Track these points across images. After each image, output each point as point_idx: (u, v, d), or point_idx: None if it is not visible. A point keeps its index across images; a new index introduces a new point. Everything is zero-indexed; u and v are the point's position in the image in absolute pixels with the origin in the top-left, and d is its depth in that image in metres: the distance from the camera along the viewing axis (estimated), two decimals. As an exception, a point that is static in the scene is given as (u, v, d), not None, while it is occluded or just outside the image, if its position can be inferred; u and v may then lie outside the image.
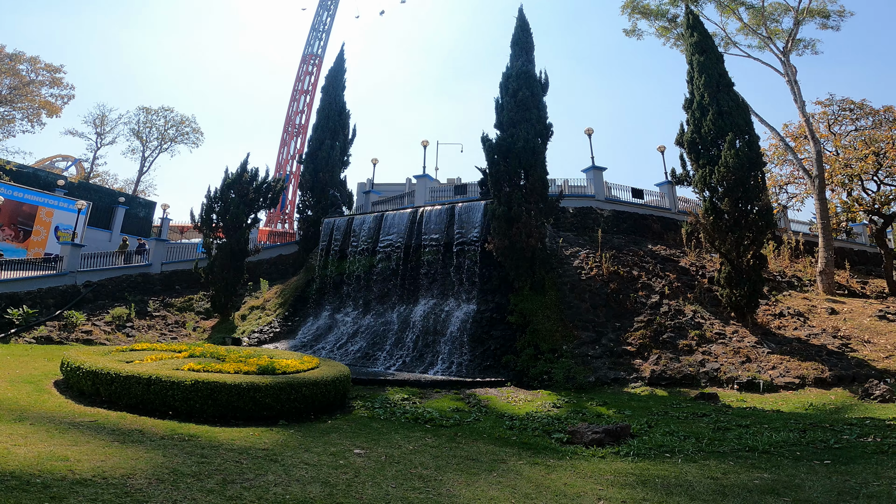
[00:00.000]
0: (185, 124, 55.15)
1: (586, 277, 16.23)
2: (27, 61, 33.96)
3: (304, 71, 58.53)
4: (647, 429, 8.44)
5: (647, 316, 14.57)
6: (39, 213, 29.75)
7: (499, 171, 16.54)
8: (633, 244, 18.66)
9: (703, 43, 17.58)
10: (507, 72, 18.53)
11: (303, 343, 17.80)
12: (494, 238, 15.88)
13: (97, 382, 8.31)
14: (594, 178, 21.17)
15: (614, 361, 13.16)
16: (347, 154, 28.09)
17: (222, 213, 21.13)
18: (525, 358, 13.55)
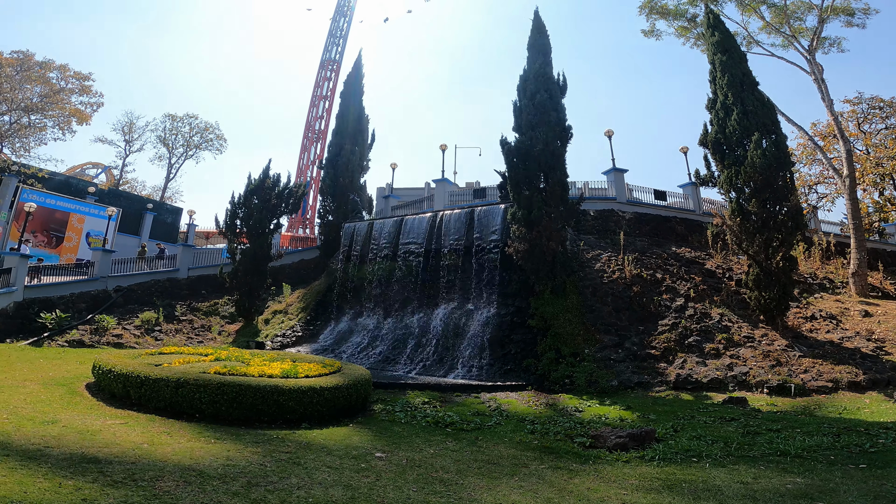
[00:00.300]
0: (209, 131, 56.11)
1: (608, 281, 16.03)
2: (57, 69, 34.37)
3: (323, 77, 59.20)
4: (672, 433, 8.29)
5: (671, 319, 14.32)
6: (71, 219, 30.77)
7: (518, 174, 16.47)
8: (657, 247, 18.35)
9: (725, 42, 17.25)
10: (524, 74, 18.46)
11: (324, 347, 18.00)
12: (514, 242, 15.81)
13: (127, 385, 8.56)
14: (615, 180, 20.92)
15: (638, 365, 12.98)
16: (367, 159, 28.20)
17: (246, 218, 21.53)
18: (546, 362, 13.44)
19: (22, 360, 12.16)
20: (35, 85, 33.00)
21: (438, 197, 24.65)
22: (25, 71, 32.63)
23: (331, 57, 59.73)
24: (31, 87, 32.91)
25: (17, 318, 17.03)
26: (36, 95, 32.81)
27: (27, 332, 16.52)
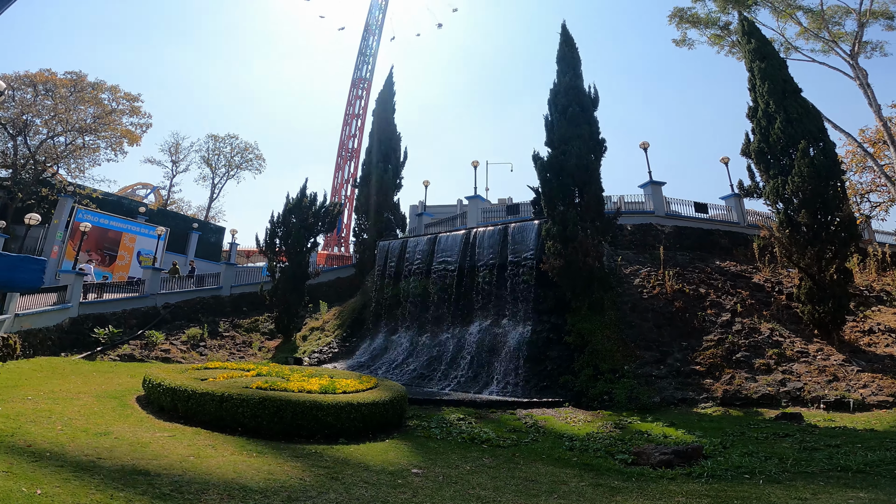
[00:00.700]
0: (249, 151, 58.01)
1: (648, 296, 15.60)
2: (108, 90, 35.61)
3: (355, 95, 59.71)
4: (721, 449, 7.94)
5: (717, 335, 13.80)
6: (123, 238, 32.53)
7: (552, 189, 16.33)
8: (699, 261, 17.75)
9: (763, 49, 16.79)
10: (554, 88, 18.39)
11: (360, 363, 18.16)
12: (549, 258, 15.62)
13: (175, 399, 8.88)
14: (653, 193, 20.45)
15: (681, 381, 12.55)
16: (400, 177, 28.43)
17: (284, 237, 22.14)
18: (584, 378, 13.16)
19: (76, 374, 12.80)
20: (88, 106, 34.00)
21: (471, 214, 24.71)
22: (79, 92, 33.73)
23: (361, 75, 60.43)
24: (85, 108, 33.91)
25: (72, 333, 17.93)
26: (89, 116, 33.86)
27: (81, 347, 17.36)
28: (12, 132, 31.31)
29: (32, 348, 15.06)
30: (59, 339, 17.13)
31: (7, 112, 30.57)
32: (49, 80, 33.37)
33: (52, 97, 32.71)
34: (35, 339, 15.48)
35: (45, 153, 32.06)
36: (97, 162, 35.54)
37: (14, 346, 13.81)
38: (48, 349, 16.03)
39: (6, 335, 13.56)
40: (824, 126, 15.64)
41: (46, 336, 16.32)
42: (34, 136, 32.28)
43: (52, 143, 32.74)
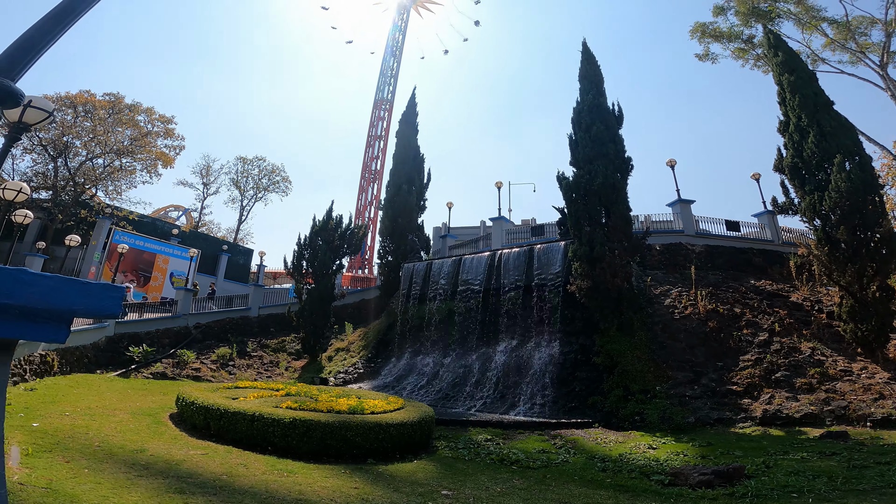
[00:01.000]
0: (276, 173, 58.57)
1: (680, 317, 15.19)
2: (144, 112, 35.67)
3: (377, 116, 59.57)
4: (765, 469, 7.63)
5: (754, 355, 13.38)
6: (157, 260, 33.55)
7: (578, 210, 16.14)
8: (732, 280, 17.23)
9: (791, 62, 16.48)
10: (577, 106, 18.28)
11: (385, 384, 18.10)
12: (577, 279, 15.41)
13: (208, 417, 9.00)
14: (681, 211, 20.04)
15: (717, 402, 12.19)
16: (424, 199, 28.41)
17: (311, 259, 22.47)
18: (613, 399, 12.86)
19: (111, 391, 13.13)
20: (125, 128, 34.23)
21: (495, 235, 24.65)
22: (116, 114, 34.06)
23: (383, 96, 60.39)
24: (122, 129, 34.14)
25: (107, 351, 18.53)
26: (126, 138, 34.16)
27: (116, 364, 17.91)
28: (53, 154, 31.79)
29: (69, 365, 15.56)
30: (95, 356, 17.65)
31: (49, 133, 30.96)
32: (88, 101, 33.68)
33: (91, 119, 33.15)
34: (72, 356, 15.98)
35: (84, 175, 32.50)
36: (133, 184, 35.64)
37: (52, 363, 14.35)
38: (84, 366, 16.51)
39: (44, 352, 14.09)
40: (859, 139, 15.21)
41: (83, 353, 16.84)
42: (74, 158, 32.69)
43: (90, 164, 33.15)
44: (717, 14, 25.09)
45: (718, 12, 25.05)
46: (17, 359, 12.56)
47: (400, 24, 64.57)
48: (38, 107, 6.67)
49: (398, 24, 64.56)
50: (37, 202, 30.68)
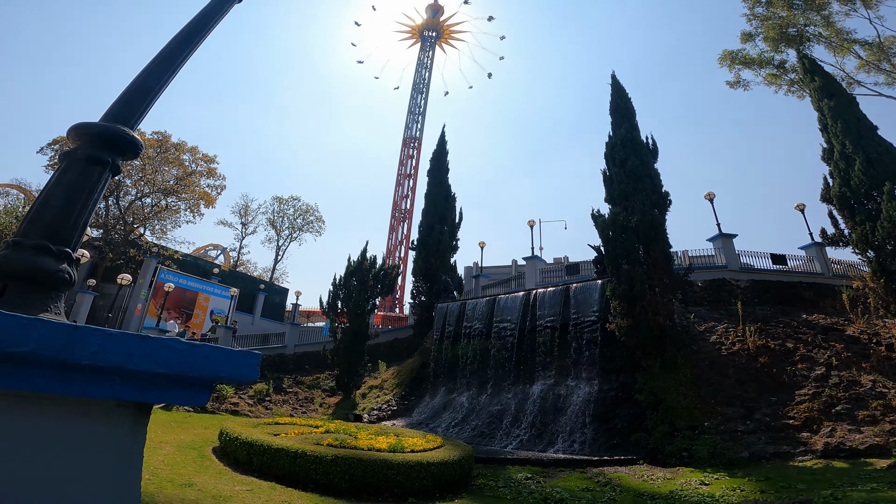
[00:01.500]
0: (310, 213, 59.24)
1: (727, 353, 14.57)
2: (189, 151, 35.89)
3: (406, 155, 60.00)
4: (833, 501, 7.17)
5: (811, 388, 12.74)
6: (199, 298, 34.54)
7: (615, 248, 15.77)
8: (782, 315, 16.47)
9: (829, 86, 16.12)
10: (610, 141, 18.11)
11: (419, 421, 17.93)
12: (616, 318, 15.02)
13: (251, 453, 9.03)
14: (723, 246, 19.43)
15: (773, 436, 11.57)
16: (456, 238, 28.34)
17: (346, 299, 22.71)
18: (658, 435, 12.29)
19: (154, 423, 13.37)
20: (172, 167, 34.45)
21: (529, 275, 24.47)
22: (164, 153, 34.43)
23: (412, 134, 60.87)
24: (169, 169, 34.40)
25: (151, 386, 18.93)
26: (172, 178, 34.49)
27: (159, 398, 18.29)
28: (105, 193, 33.73)
29: None
30: None
31: None
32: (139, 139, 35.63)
33: (140, 157, 35.01)
34: None
35: (134, 214, 33.35)
36: (177, 223, 36.03)
37: None
38: None
39: None
40: (909, 166, 14.69)
41: None
42: (124, 197, 33.46)
43: (139, 204, 33.92)
44: (745, 40, 25.05)
45: (746, 38, 25.01)
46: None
47: (426, 60, 65.64)
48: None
49: (424, 60, 65.64)
50: (89, 241, 31.79)
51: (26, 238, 1.49)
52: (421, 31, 67.41)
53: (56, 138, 30.67)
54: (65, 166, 1.68)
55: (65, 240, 1.54)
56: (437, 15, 66.80)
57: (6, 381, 0.99)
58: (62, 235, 1.53)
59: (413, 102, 63.15)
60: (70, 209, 1.58)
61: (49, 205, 1.58)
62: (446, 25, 67.65)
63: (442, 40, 68.45)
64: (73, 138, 1.76)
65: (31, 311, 1.38)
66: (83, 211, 1.62)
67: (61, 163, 1.71)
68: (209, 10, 2.41)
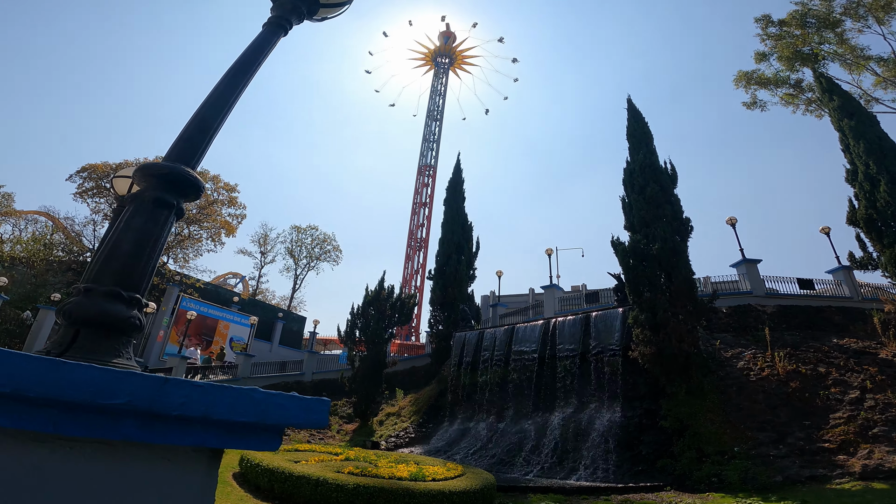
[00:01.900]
0: (328, 242, 59.54)
1: (756, 378, 14.22)
2: (211, 180, 36.15)
3: (421, 183, 59.55)
4: None
5: (846, 412, 12.41)
6: (219, 325, 34.95)
7: (636, 275, 15.53)
8: (812, 340, 16.03)
9: (848, 105, 15.96)
10: (628, 167, 18.01)
11: (437, 448, 17.72)
12: (639, 345, 14.79)
13: (272, 480, 9.00)
14: (748, 272, 18.99)
15: (807, 459, 11.23)
16: (473, 268, 28.09)
17: (364, 328, 22.70)
18: (686, 461, 11.95)
19: None
20: None
21: (548, 303, 24.31)
22: None
23: (427, 162, 60.49)
24: None
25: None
26: (195, 206, 34.52)
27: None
28: None
29: None
30: None
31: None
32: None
33: None
34: None
35: None
36: (199, 252, 36.40)
37: None
38: None
39: None
40: (936, 186, 14.38)
41: None
42: None
43: None
44: (760, 60, 24.96)
45: (761, 58, 24.91)
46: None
47: (439, 87, 65.98)
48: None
49: (437, 87, 65.96)
50: None
51: (98, 284, 1.54)
52: (434, 56, 68.11)
53: (85, 165, 31.62)
54: (133, 210, 1.71)
55: (135, 286, 1.59)
56: (449, 41, 67.62)
57: (97, 431, 1.05)
58: (132, 281, 1.58)
59: (427, 130, 63.29)
60: (139, 255, 1.63)
61: (119, 250, 1.62)
62: (459, 51, 68.54)
63: (455, 66, 69.01)
64: (139, 180, 1.78)
65: (103, 357, 1.44)
66: (151, 256, 1.67)
67: (129, 206, 1.74)
68: (259, 42, 2.40)
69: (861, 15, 22.16)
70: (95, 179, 31.23)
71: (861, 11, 22.11)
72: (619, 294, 18.49)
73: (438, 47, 67.87)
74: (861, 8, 22.09)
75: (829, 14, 22.56)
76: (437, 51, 68.01)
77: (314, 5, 2.78)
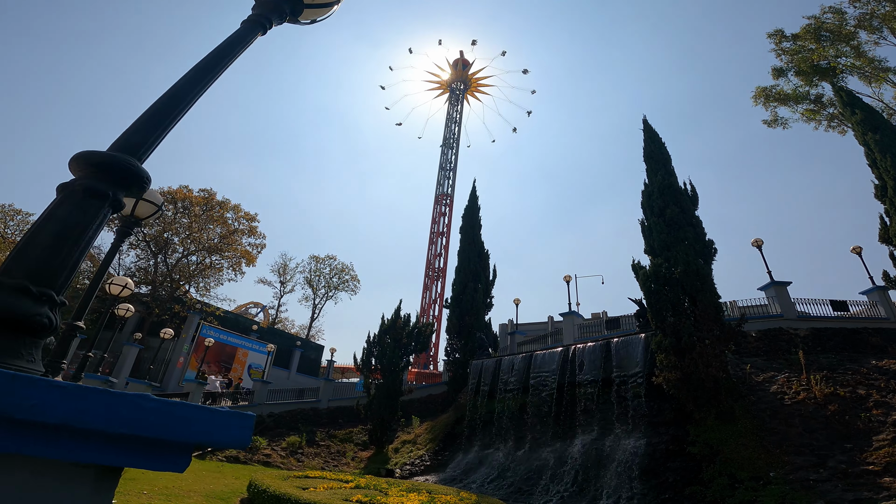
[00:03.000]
0: (346, 272, 59.75)
1: (791, 402, 13.42)
2: (232, 209, 36.15)
3: (439, 212, 58.93)
4: None
5: (890, 433, 11.61)
6: (238, 353, 35.11)
7: (659, 300, 14.88)
8: (849, 361, 15.11)
9: (872, 119, 15.34)
10: (646, 189, 17.58)
11: (452, 477, 17.21)
12: (663, 371, 14.12)
13: (278, 506, 8.67)
14: (777, 294, 18.14)
15: (851, 483, 10.42)
16: (490, 296, 27.81)
17: (380, 356, 22.48)
18: (717, 488, 11.18)
19: (188, 471, 13.23)
20: (216, 225, 34.74)
21: (567, 331, 23.73)
22: (209, 210, 34.74)
23: (444, 190, 60.05)
24: (213, 227, 34.69)
25: (187, 434, 19.11)
26: (216, 236, 34.89)
27: (195, 446, 18.37)
28: (154, 250, 33.52)
29: None
30: None
31: (152, 230, 32.73)
32: (187, 196, 34.30)
33: (188, 215, 33.99)
34: None
35: (180, 272, 34.06)
36: (220, 281, 36.38)
37: None
38: None
39: None
40: (969, 199, 13.61)
41: None
42: (171, 255, 34.13)
43: (185, 261, 34.53)
44: (778, 76, 24.50)
45: (778, 74, 24.44)
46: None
47: (455, 115, 65.97)
48: (148, 200, 6.19)
49: (453, 115, 65.97)
50: (137, 296, 32.94)
51: (6, 276, 1.34)
52: (450, 84, 68.73)
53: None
54: (60, 198, 1.53)
55: (49, 281, 1.40)
56: (466, 69, 68.24)
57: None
58: (46, 276, 1.37)
59: (444, 158, 63.07)
60: (59, 248, 1.42)
61: (36, 241, 1.42)
62: (475, 79, 69.08)
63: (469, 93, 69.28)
64: (74, 168, 1.59)
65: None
66: (74, 249, 1.45)
67: (57, 195, 1.56)
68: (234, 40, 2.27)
69: (875, 27, 21.66)
70: (123, 208, 31.75)
71: (875, 23, 21.62)
72: (641, 319, 17.88)
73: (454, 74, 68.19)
74: (874, 20, 21.60)
75: (842, 27, 22.10)
76: (452, 78, 68.54)
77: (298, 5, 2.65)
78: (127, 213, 6.14)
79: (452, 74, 68.60)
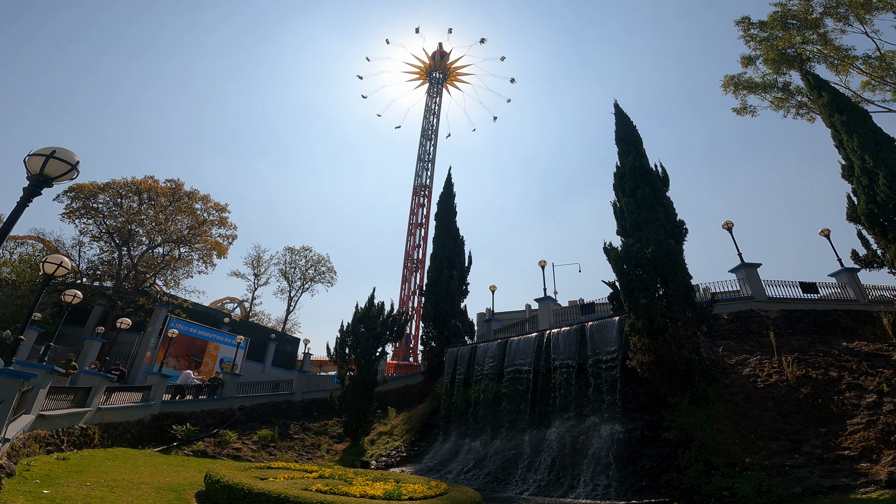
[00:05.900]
0: (322, 263, 58.61)
1: (764, 385, 13.33)
2: (201, 200, 35.24)
3: (417, 203, 58.84)
4: None
5: (864, 417, 11.45)
6: (209, 346, 34.18)
7: (631, 281, 14.69)
8: (820, 343, 15.19)
9: (839, 101, 15.44)
10: (618, 171, 17.50)
11: (429, 467, 16.90)
12: (637, 354, 13.97)
13: (232, 497, 8.18)
14: (748, 276, 18.25)
15: (827, 468, 10.23)
16: (465, 283, 27.49)
17: (354, 346, 22.00)
18: (693, 474, 11.00)
19: (147, 465, 12.61)
20: (184, 216, 33.79)
21: (542, 316, 23.47)
22: (177, 201, 33.81)
23: (422, 182, 59.96)
24: (182, 218, 33.71)
25: (152, 429, 18.51)
26: (185, 227, 33.87)
27: (159, 441, 17.78)
28: (118, 242, 32.14)
29: (111, 439, 15.76)
30: (139, 432, 17.74)
31: (116, 221, 31.62)
32: (152, 187, 33.38)
33: (153, 206, 32.98)
34: (115, 431, 16.22)
35: (146, 264, 32.78)
36: (190, 274, 35.27)
37: (92, 435, 14.39)
38: (127, 441, 16.66)
39: (85, 426, 14.23)
40: (936, 178, 13.76)
41: (126, 429, 16.99)
42: (137, 247, 32.85)
43: (151, 254, 33.30)
44: (746, 64, 24.71)
45: (747, 62, 24.66)
46: (56, 429, 12.43)
47: (433, 106, 65.94)
48: (61, 158, 5.78)
49: (432, 107, 65.92)
50: (100, 290, 31.87)
51: None
52: (428, 73, 68.59)
53: (72, 185, 31.06)
54: None
55: None
56: (444, 59, 68.18)
57: None
58: None
59: (422, 149, 62.83)
60: None
61: None
62: (453, 68, 69.06)
63: (448, 82, 69.20)
64: None
65: None
66: None
67: None
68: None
69: (842, 14, 21.94)
70: (83, 199, 30.63)
71: (842, 11, 21.89)
72: (615, 302, 17.78)
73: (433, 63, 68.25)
74: (841, 7, 21.89)
75: (809, 13, 22.34)
76: (431, 66, 68.47)
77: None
78: (35, 172, 5.63)
79: (430, 64, 68.48)
